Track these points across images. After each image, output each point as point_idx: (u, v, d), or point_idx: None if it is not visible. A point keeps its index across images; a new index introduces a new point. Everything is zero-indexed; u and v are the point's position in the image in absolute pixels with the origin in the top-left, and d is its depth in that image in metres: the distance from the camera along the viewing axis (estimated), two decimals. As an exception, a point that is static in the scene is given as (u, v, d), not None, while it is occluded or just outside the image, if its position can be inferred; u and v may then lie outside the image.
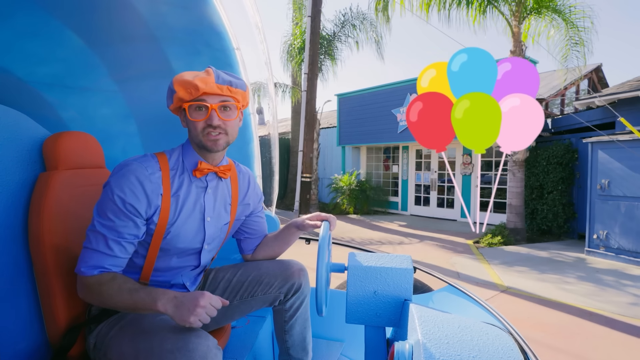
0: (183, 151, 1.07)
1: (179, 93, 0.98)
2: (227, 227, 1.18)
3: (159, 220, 0.99)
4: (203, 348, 0.85)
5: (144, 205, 0.96)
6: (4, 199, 1.02)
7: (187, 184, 1.05)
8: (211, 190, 1.10)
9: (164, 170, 1.00)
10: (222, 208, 1.15)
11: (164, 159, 1.02)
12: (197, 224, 1.07)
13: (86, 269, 0.93)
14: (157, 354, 0.86)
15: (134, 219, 0.96)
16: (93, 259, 0.93)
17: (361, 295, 1.02)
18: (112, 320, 1.01)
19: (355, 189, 10.61)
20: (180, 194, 1.03)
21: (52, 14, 1.11)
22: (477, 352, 0.73)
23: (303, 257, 1.55)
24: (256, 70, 1.58)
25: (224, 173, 1.10)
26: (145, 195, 0.96)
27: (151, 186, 0.97)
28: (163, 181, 0.99)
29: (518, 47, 6.69)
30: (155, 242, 1.01)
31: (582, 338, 3.02)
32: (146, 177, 0.96)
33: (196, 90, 0.98)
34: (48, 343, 1.05)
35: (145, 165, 0.98)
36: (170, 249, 1.04)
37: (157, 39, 1.28)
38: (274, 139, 1.82)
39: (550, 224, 7.18)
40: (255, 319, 1.63)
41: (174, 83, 0.99)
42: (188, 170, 1.06)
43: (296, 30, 10.95)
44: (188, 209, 1.05)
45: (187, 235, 1.06)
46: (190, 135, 1.05)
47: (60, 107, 1.37)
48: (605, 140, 5.52)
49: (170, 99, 1.02)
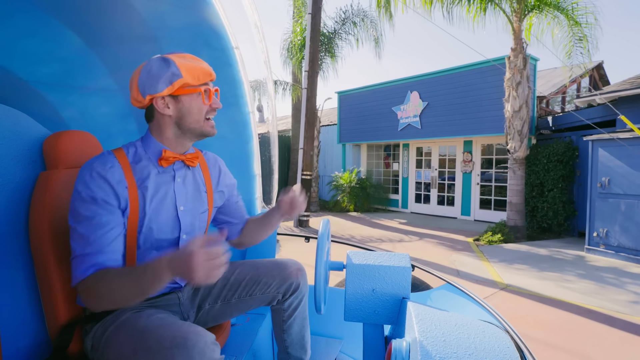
0: (143, 143, 1.05)
1: (186, 78, 0.97)
2: (205, 215, 1.15)
3: (130, 215, 0.97)
4: (201, 344, 0.85)
5: (113, 197, 0.94)
6: (5, 198, 1.03)
7: (154, 174, 1.03)
8: (180, 179, 1.08)
9: (123, 164, 0.98)
10: (197, 196, 1.12)
11: (121, 153, 1.01)
12: (171, 214, 1.05)
13: (79, 274, 0.90)
14: (155, 351, 0.85)
15: (109, 208, 0.93)
16: (84, 263, 0.90)
17: (360, 293, 1.03)
18: (107, 320, 1.00)
19: (355, 187, 10.61)
20: (147, 185, 1.00)
21: (51, 14, 1.11)
22: (473, 350, 0.74)
23: (303, 255, 1.55)
24: (255, 69, 1.58)
25: (192, 161, 1.08)
26: (111, 187, 0.94)
27: (114, 178, 0.95)
28: (125, 174, 0.97)
29: (519, 44, 6.67)
30: (131, 238, 0.99)
31: (581, 336, 3.03)
32: (107, 171, 0.95)
33: (205, 75, 1.00)
34: (49, 340, 1.06)
35: (102, 161, 0.96)
36: (147, 243, 1.02)
37: (156, 39, 1.28)
38: (274, 137, 1.82)
39: (550, 222, 7.18)
40: (255, 317, 1.64)
41: (179, 68, 0.96)
42: (152, 160, 1.03)
43: (297, 27, 10.91)
44: (158, 199, 1.02)
45: (162, 227, 1.03)
46: (184, 122, 1.02)
47: (60, 106, 1.37)
48: (606, 138, 5.52)
49: (166, 83, 0.96)
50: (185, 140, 1.06)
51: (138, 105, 1.03)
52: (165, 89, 0.97)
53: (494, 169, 8.80)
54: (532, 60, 7.60)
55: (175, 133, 1.04)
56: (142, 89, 0.98)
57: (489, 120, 7.94)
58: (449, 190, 9.78)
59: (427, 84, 9.28)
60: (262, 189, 1.79)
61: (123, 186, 0.96)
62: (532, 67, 7.65)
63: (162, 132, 1.04)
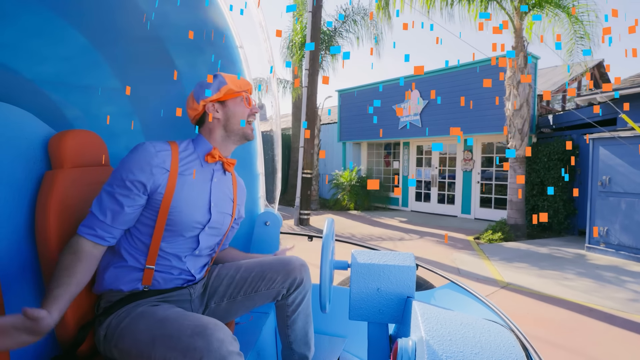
0: (194, 141, 1.18)
1: (231, 85, 1.17)
2: (229, 219, 1.23)
3: (164, 197, 1.04)
4: (220, 335, 0.88)
5: (147, 177, 1.02)
6: (10, 196, 1.03)
7: (197, 168, 1.14)
8: (217, 180, 1.19)
9: (173, 151, 1.09)
10: (226, 199, 1.23)
11: (174, 144, 1.13)
12: (203, 206, 1.13)
13: (82, 227, 1.01)
14: (175, 338, 0.88)
15: (132, 188, 1.01)
16: (89, 220, 1.01)
17: (364, 292, 1.03)
18: (120, 313, 1.03)
19: (355, 185, 10.61)
20: (186, 175, 1.10)
21: (56, 13, 1.11)
22: (479, 349, 0.74)
23: (306, 253, 1.56)
24: (259, 67, 1.58)
25: (230, 165, 1.22)
26: (150, 167, 1.03)
27: (157, 160, 1.04)
28: (172, 159, 1.07)
29: (519, 42, 6.66)
30: (162, 218, 1.05)
31: (581, 334, 3.04)
32: (153, 154, 1.04)
33: (246, 85, 1.22)
34: (56, 340, 1.06)
35: (154, 144, 1.06)
36: (176, 226, 1.07)
37: (160, 38, 1.28)
38: (277, 136, 1.82)
39: (550, 220, 7.19)
40: (259, 315, 1.64)
41: (225, 77, 1.17)
42: (200, 157, 1.16)
43: (297, 26, 10.90)
44: (194, 189, 1.11)
45: (192, 215, 1.09)
46: (228, 125, 1.18)
47: (64, 105, 1.37)
48: (607, 137, 5.52)
49: (215, 90, 1.15)
50: (229, 143, 1.21)
51: (193, 113, 1.19)
52: (214, 94, 1.15)
53: (494, 167, 8.81)
54: (533, 58, 7.60)
55: (222, 135, 1.19)
56: (197, 97, 1.16)
57: (489, 118, 7.94)
58: (450, 189, 9.79)
59: (428, 83, 9.28)
60: (265, 187, 1.80)
61: (162, 169, 1.05)
62: (533, 65, 7.65)
63: (212, 135, 1.18)
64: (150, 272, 1.07)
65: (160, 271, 1.09)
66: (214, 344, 0.85)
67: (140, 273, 1.06)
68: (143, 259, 1.06)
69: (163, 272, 1.09)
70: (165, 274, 1.10)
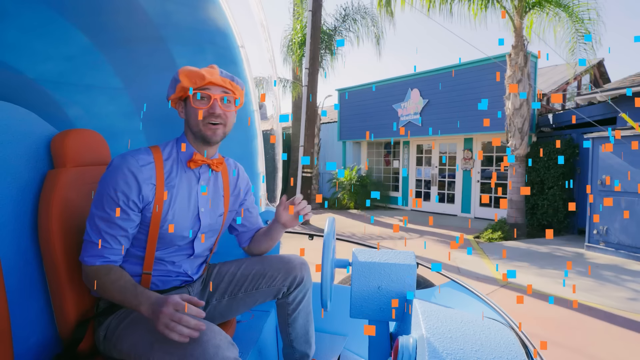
0: (177, 143, 1.11)
1: (184, 82, 1.03)
2: (222, 218, 1.21)
3: (154, 210, 1.02)
4: (216, 341, 0.88)
5: (136, 193, 0.99)
6: (14, 195, 1.03)
7: (181, 174, 1.09)
8: (204, 182, 1.14)
9: (157, 161, 1.04)
10: (217, 200, 1.18)
11: (157, 151, 1.07)
12: (192, 213, 1.10)
13: (88, 259, 0.98)
14: (172, 344, 0.88)
15: (128, 211, 0.99)
16: (93, 250, 0.98)
17: (365, 291, 1.04)
18: (120, 314, 1.04)
19: (356, 184, 10.62)
20: (174, 184, 1.06)
21: (58, 12, 1.12)
22: (479, 347, 0.75)
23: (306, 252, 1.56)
24: (260, 67, 1.59)
25: (217, 166, 1.14)
26: (137, 183, 0.99)
27: (143, 176, 1.00)
28: (157, 171, 1.03)
29: (520, 41, 6.65)
30: (153, 232, 1.04)
31: (581, 332, 3.05)
32: (138, 168, 1.00)
33: (201, 79, 1.03)
34: (58, 337, 1.07)
35: (137, 158, 1.01)
36: (167, 238, 1.07)
37: (162, 38, 1.28)
38: (278, 136, 1.83)
39: (550, 219, 7.19)
40: (260, 314, 1.65)
41: (179, 73, 1.04)
42: (182, 162, 1.10)
43: (297, 25, 10.89)
44: (183, 198, 1.08)
45: (183, 225, 1.08)
46: (189, 125, 1.09)
47: (66, 104, 1.38)
48: (607, 136, 5.52)
49: (172, 89, 1.06)
50: (199, 144, 1.11)
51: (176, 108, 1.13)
52: (172, 93, 1.07)
53: (494, 167, 8.81)
54: (533, 57, 7.59)
55: (191, 137, 1.11)
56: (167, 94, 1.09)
57: (489, 118, 7.93)
58: (449, 188, 9.79)
59: (428, 82, 9.27)
60: (266, 187, 1.80)
61: (150, 183, 1.01)
62: (533, 64, 7.64)
63: (187, 134, 1.12)
64: (148, 277, 1.08)
65: (158, 275, 1.11)
66: (210, 350, 0.86)
67: (138, 278, 1.08)
68: (139, 267, 1.08)
69: (160, 276, 1.11)
70: (163, 277, 1.12)
